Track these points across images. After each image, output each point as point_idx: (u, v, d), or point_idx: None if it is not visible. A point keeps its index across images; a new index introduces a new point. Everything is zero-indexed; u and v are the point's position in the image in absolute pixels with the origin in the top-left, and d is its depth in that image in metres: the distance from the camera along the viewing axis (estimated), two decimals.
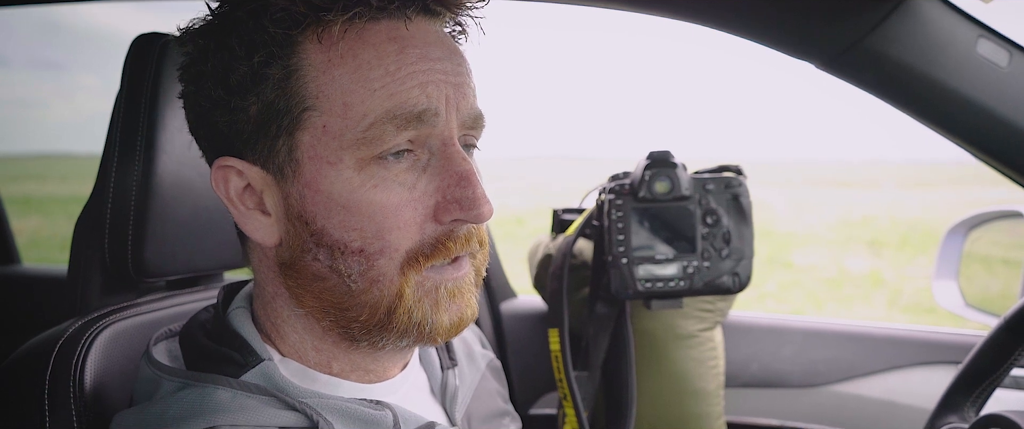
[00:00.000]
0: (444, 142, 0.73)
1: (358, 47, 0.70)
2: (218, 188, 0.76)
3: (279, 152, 0.72)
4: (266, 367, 0.75)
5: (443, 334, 0.75)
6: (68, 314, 0.96)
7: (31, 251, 8.86)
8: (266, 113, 0.71)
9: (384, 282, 0.72)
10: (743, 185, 1.29)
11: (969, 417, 1.05)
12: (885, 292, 8.11)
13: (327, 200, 0.71)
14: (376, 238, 0.71)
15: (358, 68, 0.70)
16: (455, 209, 0.72)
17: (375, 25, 0.71)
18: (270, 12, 0.69)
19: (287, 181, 0.73)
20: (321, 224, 0.72)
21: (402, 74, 0.70)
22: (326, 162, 0.71)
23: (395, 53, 0.70)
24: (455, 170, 0.72)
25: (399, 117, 0.69)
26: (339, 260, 0.72)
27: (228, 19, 0.72)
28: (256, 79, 0.70)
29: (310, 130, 0.71)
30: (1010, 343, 1.02)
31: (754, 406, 1.62)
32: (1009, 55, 1.01)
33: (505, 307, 1.78)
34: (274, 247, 0.76)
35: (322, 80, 0.70)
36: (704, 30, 1.15)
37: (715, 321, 1.51)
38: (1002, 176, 1.11)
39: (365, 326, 0.74)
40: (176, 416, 0.71)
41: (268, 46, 0.70)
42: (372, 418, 0.76)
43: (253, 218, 0.76)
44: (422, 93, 0.70)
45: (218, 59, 0.71)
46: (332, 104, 0.70)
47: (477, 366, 1.00)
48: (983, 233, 1.60)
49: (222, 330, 0.79)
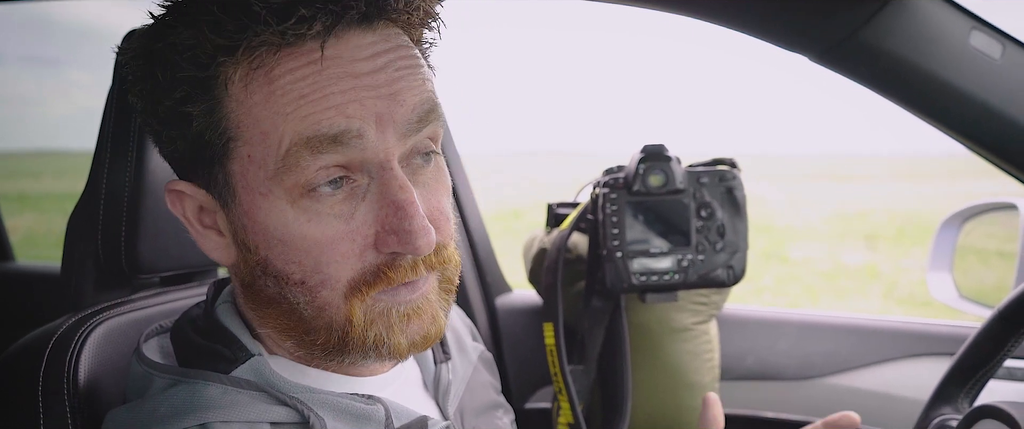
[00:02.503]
0: (381, 166, 0.68)
1: (272, 74, 0.66)
2: (174, 208, 0.75)
3: (217, 180, 0.71)
4: (256, 362, 0.75)
5: (405, 352, 0.73)
6: (62, 311, 0.95)
7: (26, 248, 8.84)
8: (197, 143, 0.70)
9: (331, 310, 0.70)
10: (737, 178, 1.30)
11: (963, 408, 1.06)
12: (880, 285, 8.13)
13: (264, 231, 0.70)
14: (315, 272, 0.69)
15: (271, 95, 0.66)
16: (393, 241, 0.68)
17: (294, 50, 0.67)
18: (182, 50, 0.67)
19: (229, 209, 0.72)
20: (264, 254, 0.71)
21: (317, 96, 0.66)
22: (258, 193, 0.69)
23: (312, 76, 0.66)
24: (391, 199, 0.68)
25: (312, 140, 0.66)
26: (285, 289, 0.71)
27: (151, 50, 0.69)
28: (180, 115, 0.69)
29: (238, 160, 0.69)
30: (1004, 334, 1.03)
31: (749, 399, 1.63)
32: (1002, 47, 1.01)
33: (500, 301, 1.78)
34: (232, 266, 0.76)
35: (240, 111, 0.68)
36: (697, 24, 1.15)
37: (710, 314, 1.51)
38: (996, 168, 1.11)
39: (325, 347, 0.73)
40: (167, 413, 0.71)
41: (185, 84, 0.68)
42: (364, 413, 0.76)
43: (209, 238, 0.75)
44: (339, 114, 0.66)
45: (146, 89, 0.70)
46: (251, 133, 0.68)
47: (469, 359, 1.00)
48: (977, 225, 1.60)
49: (211, 326, 0.79)
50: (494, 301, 1.78)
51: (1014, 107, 1.01)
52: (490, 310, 1.76)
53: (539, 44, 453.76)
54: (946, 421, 1.05)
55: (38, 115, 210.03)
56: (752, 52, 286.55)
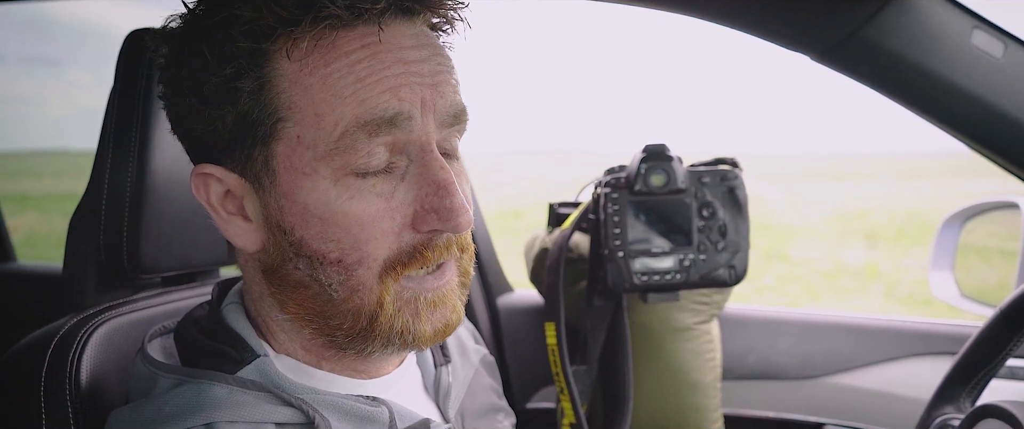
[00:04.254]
0: (422, 148, 0.71)
1: (329, 56, 0.68)
2: (198, 193, 0.75)
3: (256, 161, 0.72)
4: (262, 363, 0.75)
5: (427, 341, 0.75)
6: (64, 311, 0.95)
7: (27, 248, 8.84)
8: (241, 123, 0.70)
9: (364, 291, 0.71)
10: (739, 178, 1.29)
11: (965, 407, 1.06)
12: (882, 284, 8.12)
13: (304, 211, 0.71)
14: (354, 249, 0.70)
15: (328, 77, 0.68)
16: (433, 219, 0.70)
17: (347, 32, 0.69)
18: (238, 24, 0.68)
19: (265, 191, 0.72)
20: (300, 235, 0.71)
21: (373, 80, 0.68)
22: (302, 173, 0.70)
23: (367, 59, 0.69)
24: (432, 179, 0.71)
25: (370, 123, 0.68)
26: (319, 270, 0.71)
27: (199, 26, 0.70)
28: (229, 90, 0.69)
29: (285, 141, 0.70)
30: (1006, 333, 1.03)
31: (751, 398, 1.63)
32: (1004, 46, 1.01)
33: (502, 301, 1.78)
34: (256, 253, 0.76)
35: (294, 91, 0.69)
36: (700, 24, 1.15)
37: (711, 314, 1.51)
38: (997, 167, 1.11)
39: (348, 334, 0.74)
40: (172, 413, 0.71)
41: (238, 58, 0.68)
42: (368, 415, 0.76)
43: (234, 224, 0.75)
44: (394, 97, 0.69)
45: (192, 67, 0.70)
46: (304, 115, 0.69)
47: (470, 362, 1.00)
48: (979, 224, 1.60)
49: (217, 326, 0.79)
50: (496, 301, 1.78)
51: (1015, 106, 1.02)
52: (492, 310, 1.76)
53: (541, 43, 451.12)
54: (948, 420, 1.05)
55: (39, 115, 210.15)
56: (754, 52, 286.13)
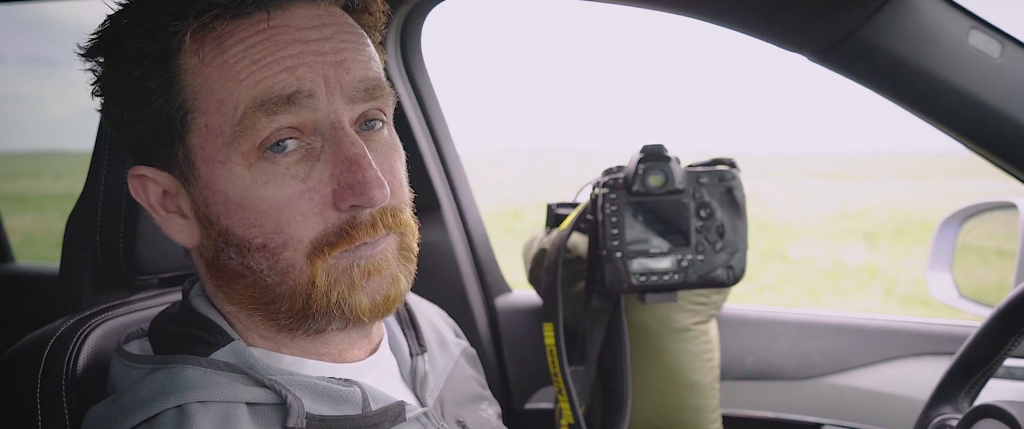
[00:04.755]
0: (333, 126, 0.72)
1: (226, 44, 0.70)
2: (138, 195, 0.78)
3: (177, 157, 0.74)
4: (236, 346, 0.77)
5: (367, 313, 0.75)
6: (61, 312, 0.95)
7: (25, 249, 8.84)
8: (156, 122, 0.72)
9: (294, 272, 0.72)
10: (737, 178, 1.29)
11: (963, 408, 1.06)
12: (881, 284, 8.13)
13: (224, 200, 0.72)
14: (276, 233, 0.71)
15: (225, 63, 0.70)
16: (349, 195, 0.71)
17: (243, 20, 0.70)
18: (136, 28, 0.70)
19: (190, 185, 0.74)
20: (225, 224, 0.73)
21: (269, 61, 0.70)
22: (216, 162, 0.71)
23: (262, 42, 0.70)
24: (344, 155, 0.71)
25: (267, 102, 0.69)
26: (248, 257, 0.73)
27: (107, 36, 0.73)
28: (140, 91, 0.72)
29: (196, 132, 0.72)
30: (1004, 333, 1.03)
31: (749, 398, 1.63)
32: (1001, 46, 1.01)
33: (500, 302, 1.78)
34: (197, 247, 0.78)
35: (197, 82, 0.71)
36: (697, 24, 1.15)
37: (710, 314, 1.51)
38: (995, 167, 1.11)
39: (289, 314, 0.75)
40: (146, 397, 0.72)
41: (142, 59, 0.70)
42: (341, 395, 0.77)
43: (173, 222, 0.77)
44: (291, 76, 0.70)
45: (107, 76, 0.74)
46: (208, 103, 0.70)
47: (450, 353, 1.01)
48: (977, 224, 1.60)
49: (189, 315, 0.81)
50: (494, 301, 1.77)
51: (1013, 106, 1.01)
52: (490, 310, 1.76)
53: (539, 44, 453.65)
54: (946, 420, 1.05)
55: (38, 115, 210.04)
56: (751, 52, 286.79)
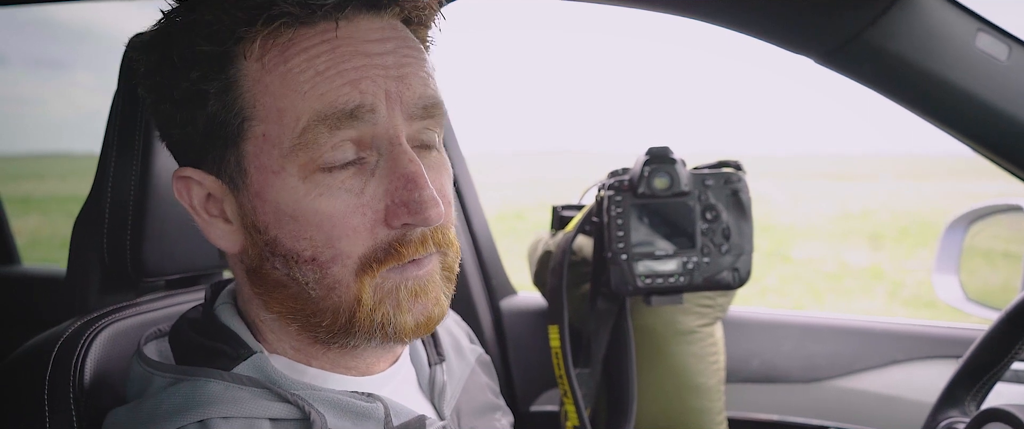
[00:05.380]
0: (390, 142, 0.71)
1: (289, 53, 0.69)
2: (181, 197, 0.76)
3: (229, 163, 0.72)
4: (258, 359, 0.76)
5: (409, 334, 0.74)
6: (68, 314, 0.95)
7: (31, 251, 8.86)
8: (211, 125, 0.71)
9: (340, 289, 0.71)
10: (742, 181, 1.29)
11: (970, 411, 1.05)
12: (885, 286, 8.11)
13: (276, 210, 0.71)
14: (326, 246, 0.70)
15: (287, 73, 0.69)
16: (403, 213, 0.70)
17: (308, 29, 0.70)
18: (200, 29, 0.69)
19: (239, 191, 0.73)
20: (273, 234, 0.72)
21: (332, 73, 0.69)
22: (271, 172, 0.70)
23: (326, 53, 0.69)
24: (401, 172, 0.70)
25: (330, 117, 0.68)
26: (295, 268, 0.72)
27: (167, 34, 0.72)
28: (197, 94, 0.71)
29: (252, 140, 0.71)
30: (1011, 336, 1.02)
31: (755, 401, 1.62)
32: (1008, 49, 1.01)
33: (505, 304, 1.78)
34: (239, 254, 0.77)
35: (256, 90, 0.70)
36: (704, 27, 1.15)
37: (715, 317, 1.51)
38: (1001, 169, 1.10)
39: (330, 330, 0.74)
40: (169, 410, 0.71)
41: (203, 62, 0.70)
42: (364, 411, 0.76)
43: (216, 226, 0.76)
44: (354, 90, 0.69)
45: (162, 74, 0.72)
46: (268, 112, 0.69)
47: (466, 361, 1.00)
48: (984, 227, 1.60)
49: (211, 325, 0.80)
50: (499, 303, 1.77)
51: (1020, 108, 1.01)
52: (495, 312, 1.76)
53: (544, 45, 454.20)
54: (953, 424, 1.04)
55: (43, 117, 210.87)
56: (757, 54, 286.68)
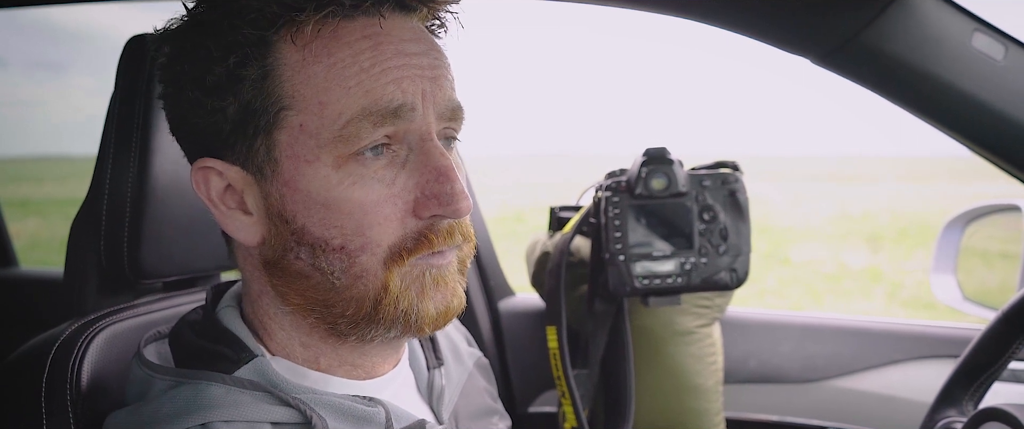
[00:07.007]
0: (422, 137, 0.73)
1: (333, 45, 0.70)
2: (199, 189, 0.76)
3: (258, 152, 0.72)
4: (259, 363, 0.75)
5: (430, 324, 0.75)
6: (65, 316, 0.95)
7: (29, 253, 8.85)
8: (243, 113, 0.71)
9: (368, 277, 0.72)
10: (740, 181, 1.29)
11: (967, 411, 1.06)
12: (884, 286, 8.12)
13: (306, 198, 0.71)
14: (356, 235, 0.71)
15: (333, 66, 0.70)
16: (433, 205, 0.72)
17: (349, 23, 0.71)
18: (244, 13, 0.69)
19: (267, 180, 0.73)
20: (301, 222, 0.72)
21: (377, 70, 0.70)
22: (304, 161, 0.71)
23: (370, 50, 0.70)
24: (433, 165, 0.72)
25: (375, 114, 0.69)
26: (321, 258, 0.72)
27: (203, 20, 0.72)
28: (232, 80, 0.70)
29: (287, 129, 0.71)
30: (1008, 336, 1.02)
31: (753, 402, 1.62)
32: (1004, 49, 1.01)
33: (503, 305, 1.78)
34: (257, 246, 0.76)
35: (297, 79, 0.70)
36: (701, 28, 1.15)
37: (713, 317, 1.51)
38: (998, 169, 1.11)
39: (351, 320, 0.74)
40: (169, 414, 0.71)
41: (243, 47, 0.70)
42: (365, 415, 0.76)
43: (234, 218, 0.76)
44: (397, 89, 0.70)
45: (194, 60, 0.72)
46: (308, 103, 0.70)
47: (464, 365, 1.00)
48: (981, 227, 1.60)
49: (212, 328, 0.80)
50: (497, 305, 1.77)
51: (1016, 108, 1.01)
52: (493, 314, 1.76)
53: (542, 46, 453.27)
54: (951, 424, 1.05)
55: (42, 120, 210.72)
56: (755, 55, 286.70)
